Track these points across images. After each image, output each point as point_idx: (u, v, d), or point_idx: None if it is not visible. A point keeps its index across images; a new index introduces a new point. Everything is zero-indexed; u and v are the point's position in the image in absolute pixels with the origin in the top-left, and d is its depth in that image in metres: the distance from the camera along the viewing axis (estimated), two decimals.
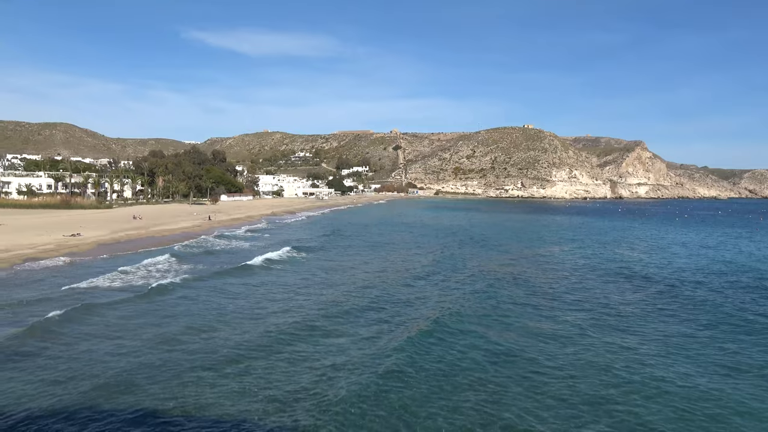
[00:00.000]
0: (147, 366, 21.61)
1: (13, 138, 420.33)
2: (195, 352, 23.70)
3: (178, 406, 18.14)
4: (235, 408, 18.15)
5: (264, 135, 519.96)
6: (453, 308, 33.15)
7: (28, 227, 69.53)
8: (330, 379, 20.86)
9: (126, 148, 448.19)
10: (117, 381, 19.99)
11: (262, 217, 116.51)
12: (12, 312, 29.09)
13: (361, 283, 41.11)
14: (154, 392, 19.15)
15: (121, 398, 18.64)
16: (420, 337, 26.56)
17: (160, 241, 64.83)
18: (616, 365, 23.22)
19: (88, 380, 20.01)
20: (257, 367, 21.99)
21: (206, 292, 36.23)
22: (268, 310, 31.86)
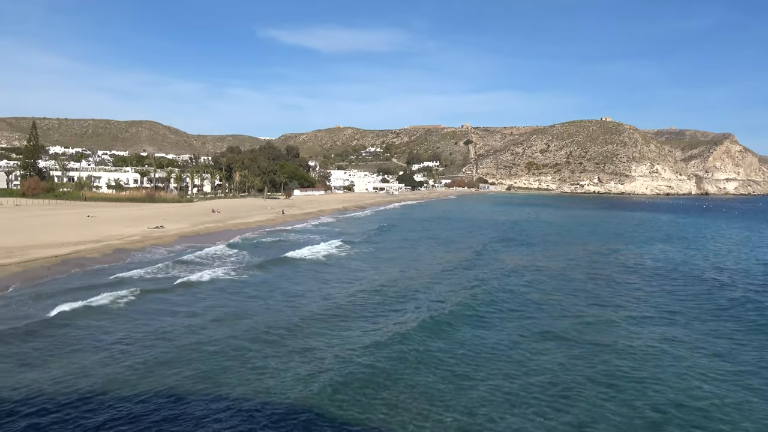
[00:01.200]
0: (206, 336, 22.96)
1: (103, 135, 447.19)
2: (262, 322, 24.86)
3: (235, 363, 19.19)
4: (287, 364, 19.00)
5: (336, 130, 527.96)
6: (523, 314, 32.87)
7: (116, 219, 74.11)
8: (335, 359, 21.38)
9: (206, 145, 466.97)
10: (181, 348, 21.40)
11: (334, 211, 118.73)
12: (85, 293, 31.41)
13: (405, 278, 41.39)
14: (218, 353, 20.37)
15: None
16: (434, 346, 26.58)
17: (235, 234, 67.52)
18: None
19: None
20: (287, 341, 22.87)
21: (277, 280, 37.62)
22: (319, 293, 32.77)
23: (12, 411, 17.16)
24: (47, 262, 41.34)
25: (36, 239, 50.75)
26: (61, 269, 39.61)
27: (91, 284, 35.18)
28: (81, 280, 36.38)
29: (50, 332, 25.01)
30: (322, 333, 26.16)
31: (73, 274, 38.58)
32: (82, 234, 55.99)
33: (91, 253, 46.54)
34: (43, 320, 26.66)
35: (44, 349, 22.88)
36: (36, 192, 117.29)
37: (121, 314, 28.48)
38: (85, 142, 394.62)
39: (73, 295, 31.54)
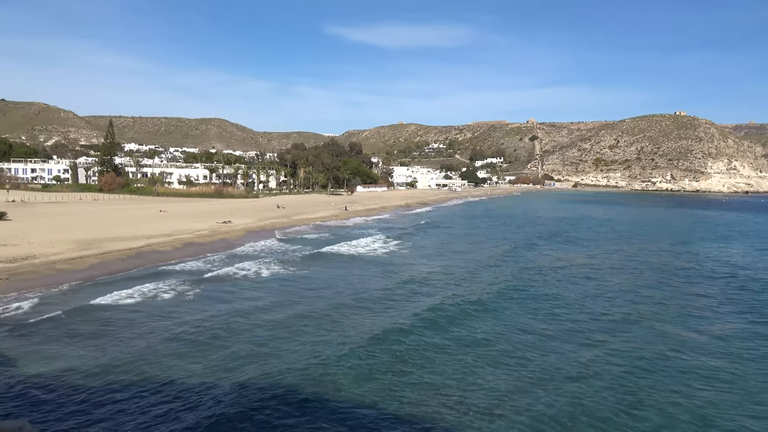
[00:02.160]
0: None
1: (175, 133, 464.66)
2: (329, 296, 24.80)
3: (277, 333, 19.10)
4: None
5: (399, 127, 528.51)
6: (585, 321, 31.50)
7: (186, 214, 76.54)
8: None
9: (271, 141, 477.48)
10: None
11: (396, 207, 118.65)
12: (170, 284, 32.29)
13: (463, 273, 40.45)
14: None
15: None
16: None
17: (300, 229, 68.39)
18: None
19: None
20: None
21: (344, 274, 37.67)
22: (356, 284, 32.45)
23: (86, 383, 17.70)
24: (122, 255, 42.96)
25: (112, 232, 52.93)
26: (135, 261, 41.04)
27: (160, 274, 36.26)
28: (150, 272, 37.53)
29: (121, 317, 25.82)
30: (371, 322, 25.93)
31: (144, 266, 39.84)
32: (154, 228, 58.01)
33: (163, 246, 48.08)
34: (112, 306, 27.62)
35: (112, 333, 23.61)
36: (112, 187, 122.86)
37: (186, 302, 29.11)
38: (157, 140, 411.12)
39: (141, 285, 32.64)
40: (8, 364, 20.23)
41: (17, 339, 23.01)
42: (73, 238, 47.77)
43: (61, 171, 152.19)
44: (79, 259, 40.13)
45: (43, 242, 45.06)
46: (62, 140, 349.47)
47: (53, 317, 26.12)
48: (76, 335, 23.89)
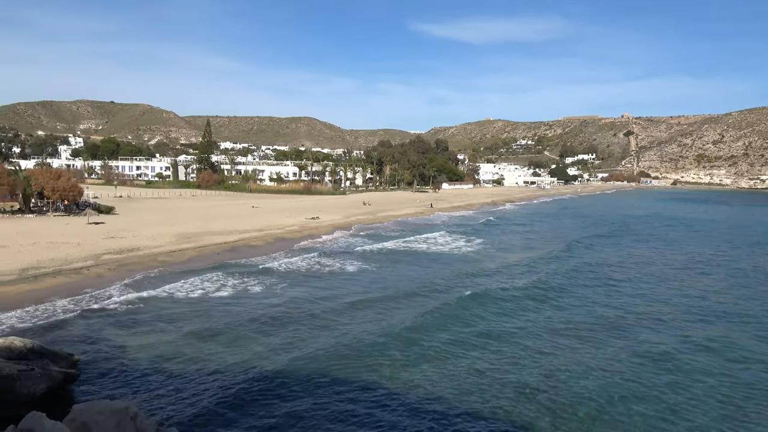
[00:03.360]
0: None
1: (266, 131, 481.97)
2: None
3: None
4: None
5: (485, 123, 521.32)
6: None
7: (277, 210, 79.07)
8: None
9: (358, 139, 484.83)
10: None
11: (483, 205, 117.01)
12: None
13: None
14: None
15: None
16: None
17: (385, 226, 68.88)
18: None
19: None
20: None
21: (431, 271, 37.58)
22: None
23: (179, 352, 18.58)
24: (218, 248, 44.96)
25: (209, 227, 55.55)
26: (229, 255, 42.81)
27: (250, 268, 37.61)
28: (242, 264, 38.96)
29: (217, 306, 26.97)
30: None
31: (237, 259, 41.41)
32: (247, 223, 60.33)
33: (255, 241, 49.90)
34: (208, 298, 28.92)
35: (209, 321, 24.67)
36: (209, 184, 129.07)
37: (276, 294, 29.95)
38: (250, 138, 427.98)
39: (234, 278, 34.02)
40: (114, 350, 21.60)
41: (121, 326, 24.54)
42: (174, 232, 50.55)
43: (163, 168, 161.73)
44: (179, 251, 42.39)
45: (146, 235, 47.98)
46: (164, 139, 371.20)
47: (154, 306, 27.70)
48: (176, 322, 25.16)
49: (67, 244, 41.72)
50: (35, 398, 15.68)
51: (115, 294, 29.64)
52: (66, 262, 35.53)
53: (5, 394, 15.71)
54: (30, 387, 15.98)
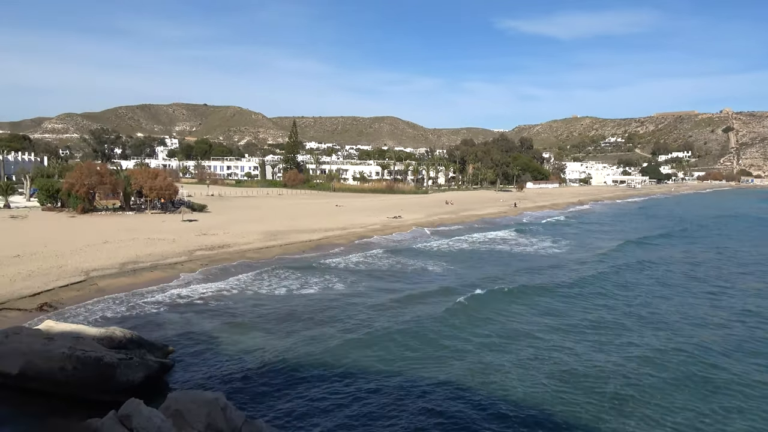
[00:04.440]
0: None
1: (350, 131, 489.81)
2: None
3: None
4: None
5: (572, 120, 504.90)
6: None
7: (360, 209, 80.00)
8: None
9: (441, 138, 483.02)
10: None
11: (568, 205, 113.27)
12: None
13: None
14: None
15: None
16: None
17: (468, 225, 68.04)
18: None
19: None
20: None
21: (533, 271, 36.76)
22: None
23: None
24: (302, 246, 46.00)
25: (294, 225, 56.98)
26: (312, 253, 43.68)
27: (335, 266, 38.17)
28: (325, 262, 39.59)
29: (301, 303, 27.52)
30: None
31: (321, 257, 42.14)
32: (331, 222, 61.40)
33: (338, 239, 50.66)
34: (294, 295, 29.56)
35: (297, 316, 25.17)
36: (295, 183, 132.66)
37: (357, 293, 30.18)
38: (335, 138, 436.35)
39: (315, 276, 34.63)
40: (204, 342, 22.46)
41: (212, 319, 25.48)
42: (261, 230, 52.21)
43: (252, 168, 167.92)
44: (266, 248, 43.71)
45: (236, 233, 49.82)
46: (253, 140, 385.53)
47: (242, 301, 28.63)
48: (262, 318, 25.86)
49: (163, 240, 43.99)
50: (133, 386, 16.52)
51: (206, 289, 30.88)
52: (162, 258, 37.45)
53: (107, 382, 16.67)
54: (129, 375, 16.86)
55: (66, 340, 17.97)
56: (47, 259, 34.38)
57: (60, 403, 16.31)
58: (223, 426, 12.45)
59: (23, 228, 48.24)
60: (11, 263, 32.75)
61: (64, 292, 28.11)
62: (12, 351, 17.50)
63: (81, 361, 16.94)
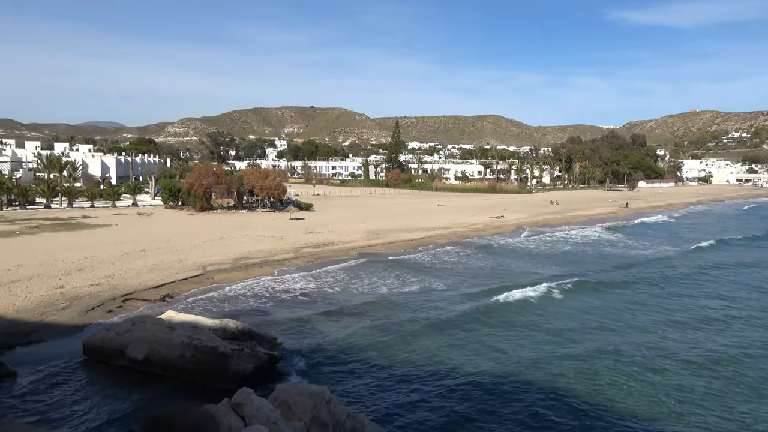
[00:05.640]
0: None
1: (452, 130, 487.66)
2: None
3: None
4: None
5: (690, 115, 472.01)
6: None
7: (461, 208, 79.39)
8: None
9: (546, 136, 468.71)
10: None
11: (687, 205, 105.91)
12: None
13: None
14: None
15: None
16: None
17: (575, 225, 65.46)
18: None
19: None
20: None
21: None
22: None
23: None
24: (404, 245, 46.31)
25: (396, 224, 57.57)
26: (414, 252, 43.88)
27: (436, 265, 38.11)
28: (424, 263, 39.62)
29: (402, 300, 27.73)
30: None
31: (419, 257, 42.23)
32: (432, 221, 61.38)
33: (439, 238, 50.53)
34: (395, 293, 29.79)
35: (394, 314, 25.38)
36: (397, 182, 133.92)
37: (457, 294, 29.91)
38: (437, 137, 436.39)
39: (414, 274, 34.70)
40: (310, 337, 23.15)
41: (318, 315, 26.24)
42: (364, 228, 53.20)
43: (355, 168, 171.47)
44: (369, 246, 44.47)
45: (340, 231, 51.11)
46: (356, 140, 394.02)
47: (346, 298, 29.28)
48: (363, 315, 26.30)
49: (272, 237, 45.97)
50: (244, 376, 17.36)
51: (311, 285, 31.91)
52: (271, 254, 39.15)
53: (220, 370, 17.66)
54: (240, 365, 17.75)
55: (185, 330, 19.26)
56: (169, 254, 37.00)
57: (178, 387, 17.46)
58: (327, 419, 12.77)
59: (148, 224, 52.26)
60: (138, 257, 35.56)
61: (184, 285, 30.14)
62: (138, 338, 19.01)
63: (198, 350, 18.08)
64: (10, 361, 18.78)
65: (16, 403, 16.23)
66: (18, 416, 15.32)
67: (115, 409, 16.15)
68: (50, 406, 16.20)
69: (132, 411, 15.94)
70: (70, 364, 19.25)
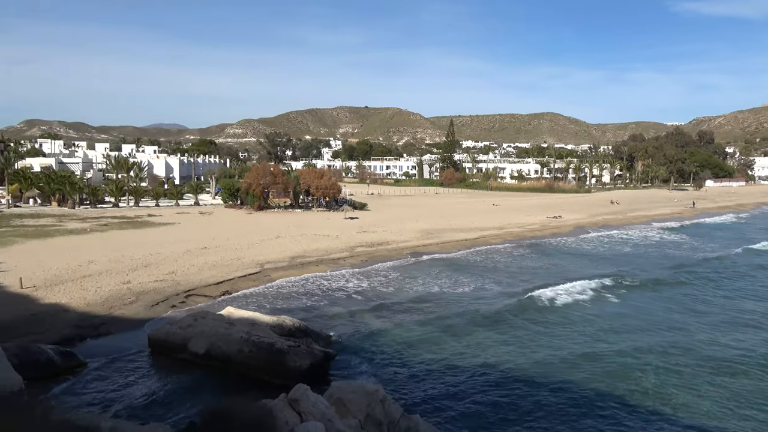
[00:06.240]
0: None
1: (508, 129, 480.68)
2: None
3: None
4: None
5: (762, 110, 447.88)
6: None
7: (517, 208, 78.23)
8: None
9: (605, 134, 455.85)
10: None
11: (759, 205, 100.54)
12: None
13: None
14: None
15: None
16: None
17: (634, 228, 63.40)
18: None
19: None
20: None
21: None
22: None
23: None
24: (458, 245, 46.04)
25: (451, 224, 57.31)
26: (468, 251, 43.58)
27: (490, 266, 37.72)
28: (479, 263, 39.26)
29: (451, 299, 27.60)
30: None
31: (472, 257, 41.89)
32: (487, 221, 60.77)
33: (494, 238, 49.97)
34: (448, 293, 29.67)
35: (448, 314, 25.27)
36: (451, 182, 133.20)
37: (511, 296, 29.53)
38: (492, 136, 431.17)
39: (469, 275, 34.44)
40: (365, 335, 23.32)
41: (372, 313, 26.41)
42: (418, 228, 53.20)
43: (409, 167, 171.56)
44: (423, 246, 44.42)
45: (394, 230, 51.29)
46: (411, 140, 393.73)
47: (401, 297, 29.36)
48: (421, 313, 26.32)
49: (328, 236, 46.58)
50: (300, 372, 17.66)
51: (366, 284, 32.17)
52: (326, 253, 39.70)
53: (277, 366, 18.04)
54: (296, 362, 18.08)
55: (244, 326, 19.80)
56: (228, 252, 38.07)
57: (236, 381, 17.95)
58: (381, 418, 12.87)
59: (209, 223, 53.91)
60: (200, 254, 36.74)
61: (242, 282, 30.96)
62: (200, 333, 19.67)
63: (256, 346, 18.54)
64: (81, 352, 19.77)
65: (87, 393, 17.08)
66: (88, 406, 16.10)
67: (177, 401, 16.76)
68: (117, 396, 16.97)
69: (193, 403, 16.50)
70: (136, 356, 20.11)
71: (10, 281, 27.32)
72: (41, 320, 22.38)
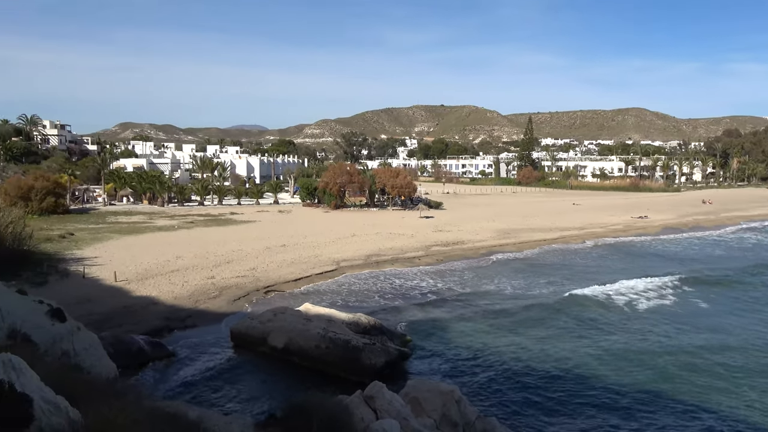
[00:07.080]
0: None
1: (590, 125, 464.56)
2: None
3: None
4: None
5: None
6: None
7: (599, 207, 75.32)
8: None
9: (697, 129, 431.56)
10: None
11: None
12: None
13: None
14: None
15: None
16: None
17: (729, 230, 59.61)
18: None
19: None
20: None
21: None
22: None
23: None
24: (535, 245, 44.96)
25: (528, 223, 56.10)
26: (547, 251, 42.47)
27: (569, 269, 36.57)
28: (557, 265, 38.12)
29: (518, 300, 26.92)
30: None
31: (550, 259, 40.74)
32: (567, 220, 58.99)
33: (574, 239, 48.44)
34: (524, 294, 28.96)
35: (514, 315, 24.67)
36: (529, 180, 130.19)
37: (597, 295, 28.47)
38: (572, 133, 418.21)
39: (537, 273, 33.43)
40: (440, 335, 23.18)
41: (449, 314, 26.22)
42: (494, 227, 52.37)
43: (486, 166, 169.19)
44: (499, 246, 43.67)
45: (469, 230, 50.74)
46: (487, 138, 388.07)
47: (478, 297, 28.97)
48: (495, 314, 25.88)
49: (403, 235, 46.69)
50: (375, 370, 17.76)
51: (441, 283, 31.99)
52: (401, 252, 39.80)
53: (352, 363, 18.23)
54: (371, 359, 18.20)
55: (321, 322, 20.16)
56: (306, 249, 38.93)
57: (312, 376, 18.29)
58: (457, 419, 12.71)
59: (288, 221, 55.34)
60: (279, 251, 37.77)
61: (319, 279, 31.59)
62: (279, 328, 20.20)
63: (333, 342, 18.82)
64: (169, 343, 20.79)
65: (174, 382, 17.91)
66: (175, 394, 16.87)
67: (257, 393, 17.31)
68: (201, 385, 17.70)
69: (272, 396, 16.97)
70: (218, 348, 20.92)
71: (106, 275, 29.08)
72: (133, 312, 23.69)
